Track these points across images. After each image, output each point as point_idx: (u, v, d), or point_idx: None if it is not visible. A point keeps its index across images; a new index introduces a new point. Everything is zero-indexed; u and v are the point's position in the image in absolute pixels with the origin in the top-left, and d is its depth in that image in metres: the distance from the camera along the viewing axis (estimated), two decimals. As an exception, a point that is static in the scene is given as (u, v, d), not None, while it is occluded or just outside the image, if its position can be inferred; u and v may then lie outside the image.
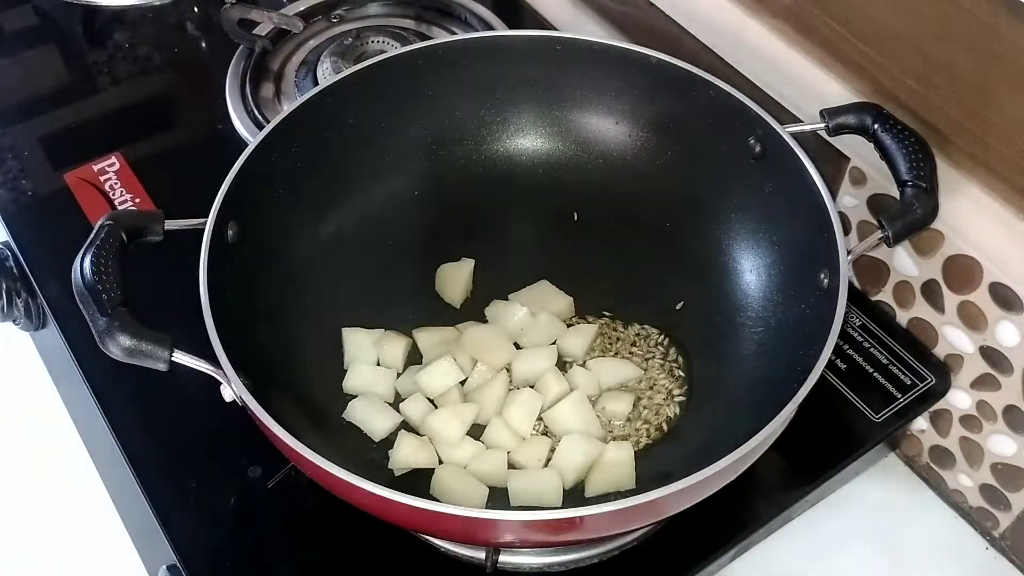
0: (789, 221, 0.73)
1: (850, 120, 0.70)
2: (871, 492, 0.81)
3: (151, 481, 0.72)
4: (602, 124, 0.83)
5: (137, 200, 0.89)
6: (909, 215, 0.66)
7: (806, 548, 0.77)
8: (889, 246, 0.67)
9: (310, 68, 0.99)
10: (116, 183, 0.90)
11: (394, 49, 0.83)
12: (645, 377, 0.76)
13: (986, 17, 0.63)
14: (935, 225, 0.71)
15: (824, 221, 0.66)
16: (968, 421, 0.77)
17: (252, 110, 0.95)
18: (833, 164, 0.79)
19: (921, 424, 0.81)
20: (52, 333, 0.83)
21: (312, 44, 1.04)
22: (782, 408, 0.58)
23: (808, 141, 0.72)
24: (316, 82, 0.97)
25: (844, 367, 0.79)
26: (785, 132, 0.71)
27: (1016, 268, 0.69)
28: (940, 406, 0.78)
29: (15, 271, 0.88)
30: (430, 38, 0.99)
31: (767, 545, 0.77)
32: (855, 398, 0.77)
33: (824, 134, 0.72)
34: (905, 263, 0.77)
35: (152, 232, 0.66)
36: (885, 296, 0.81)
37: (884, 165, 0.69)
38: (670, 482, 0.56)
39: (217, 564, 0.69)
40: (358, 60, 0.89)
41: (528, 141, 0.85)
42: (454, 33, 1.04)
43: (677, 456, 0.71)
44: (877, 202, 0.78)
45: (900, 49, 0.71)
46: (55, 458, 0.93)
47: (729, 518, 0.71)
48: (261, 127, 0.88)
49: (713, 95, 0.75)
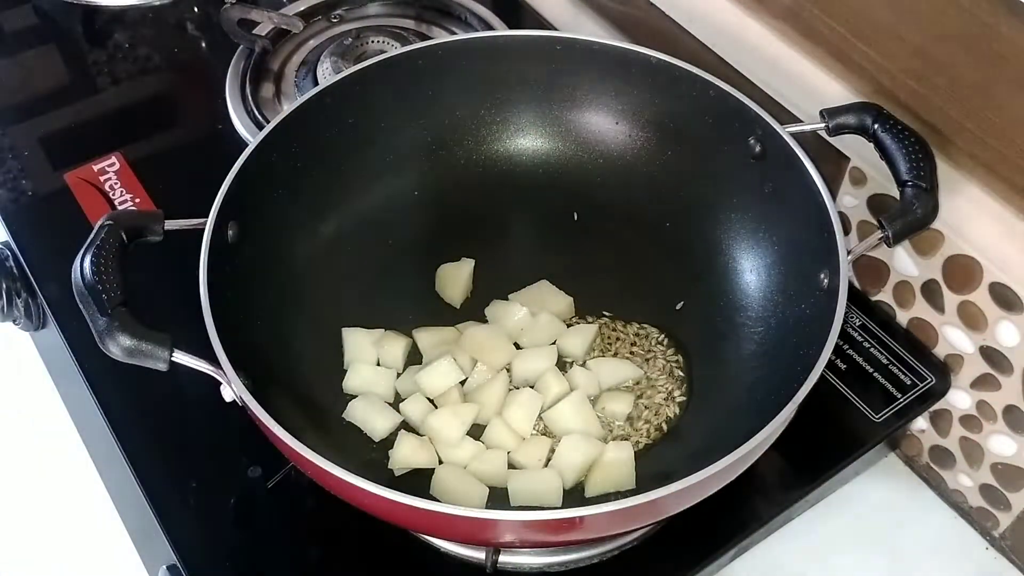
0: (789, 221, 0.73)
1: (850, 120, 0.70)
2: (871, 492, 0.81)
3: (151, 481, 0.72)
4: (602, 124, 0.83)
5: (137, 200, 0.89)
6: (909, 215, 0.66)
7: (806, 548, 0.77)
8: (889, 246, 0.67)
9: (310, 68, 0.99)
10: (116, 183, 0.90)
11: (394, 49, 0.83)
12: (645, 377, 0.76)
13: (986, 17, 0.63)
14: (935, 225, 0.71)
15: (824, 221, 0.66)
16: (968, 421, 0.77)
17: (252, 110, 0.95)
18: (833, 164, 0.79)
19: (921, 424, 0.81)
20: (52, 333, 0.83)
21: (312, 44, 1.04)
22: (782, 408, 0.58)
23: (808, 141, 0.71)
24: (316, 82, 0.97)
25: (844, 367, 0.79)
26: (785, 132, 0.71)
27: (1016, 268, 0.69)
28: (940, 406, 0.78)
29: (15, 271, 0.88)
30: (430, 38, 0.99)
31: (767, 545, 0.77)
32: (855, 398, 0.77)
33: (824, 134, 0.72)
34: (905, 263, 0.77)
35: (152, 232, 0.66)
36: (885, 296, 0.81)
37: (884, 165, 0.69)
38: (670, 482, 0.56)
39: (217, 564, 0.69)
40: (358, 60, 0.89)
41: (528, 141, 0.85)
42: (454, 33, 1.04)
43: (677, 456, 0.71)
44: (877, 202, 0.78)
45: (900, 49, 0.71)
46: (55, 458, 0.93)
47: (729, 518, 0.71)
48: (261, 127, 0.88)
49: (713, 95, 0.75)
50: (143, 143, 0.95)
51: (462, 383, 0.74)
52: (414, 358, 0.77)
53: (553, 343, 0.77)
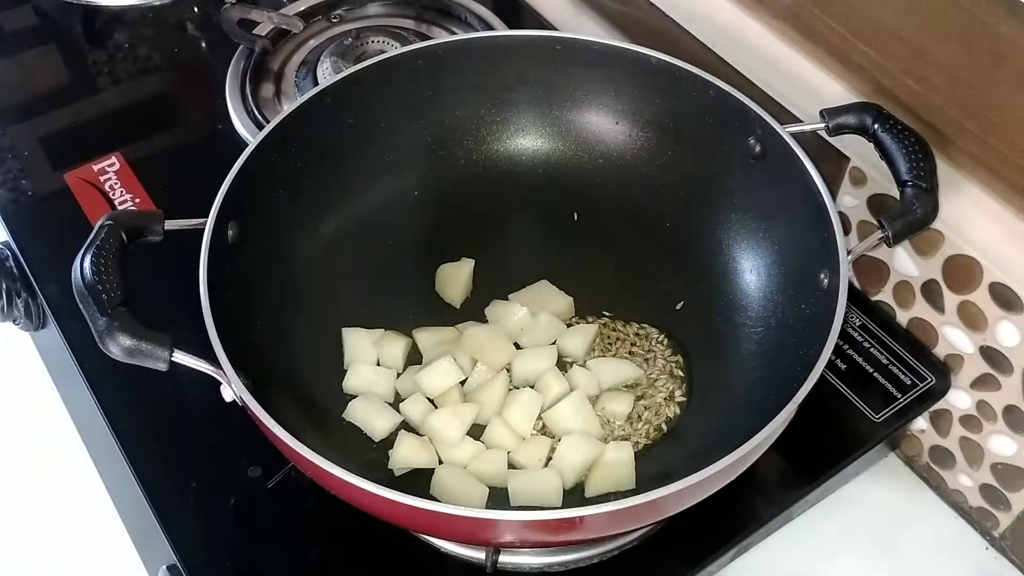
0: (789, 221, 0.73)
1: (850, 120, 0.70)
2: (871, 492, 0.81)
3: (151, 481, 0.72)
4: (602, 124, 0.83)
5: (137, 200, 0.89)
6: (909, 215, 0.66)
7: (806, 548, 0.77)
8: (889, 246, 0.67)
9: (310, 68, 0.99)
10: (116, 183, 0.90)
11: (394, 49, 0.83)
12: (645, 377, 0.76)
13: (986, 17, 0.63)
14: (935, 225, 0.71)
15: (824, 221, 0.66)
16: (968, 421, 0.77)
17: (252, 110, 0.95)
18: (833, 164, 0.79)
19: (921, 424, 0.81)
20: (52, 333, 0.83)
21: (312, 44, 1.04)
22: (782, 408, 0.58)
23: (808, 141, 0.71)
24: (316, 82, 0.97)
25: (844, 367, 0.79)
26: (785, 132, 0.71)
27: (1016, 268, 0.69)
28: (940, 406, 0.78)
29: (15, 271, 0.88)
30: (430, 38, 0.99)
31: (767, 545, 0.77)
32: (855, 398, 0.77)
33: (824, 134, 0.72)
34: (905, 263, 0.77)
35: (152, 232, 0.66)
36: (885, 296, 0.81)
37: (884, 165, 0.69)
38: (670, 482, 0.56)
39: (217, 564, 0.69)
40: (358, 60, 0.89)
41: (528, 141, 0.85)
42: (454, 33, 1.04)
43: (677, 456, 0.71)
44: (877, 202, 0.78)
45: (900, 49, 0.71)
46: (55, 458, 0.93)
47: (729, 518, 0.72)
48: (261, 127, 0.88)
49: (713, 95, 0.75)
50: (143, 143, 0.95)
51: (462, 383, 0.74)
52: (414, 358, 0.77)
53: (553, 343, 0.77)
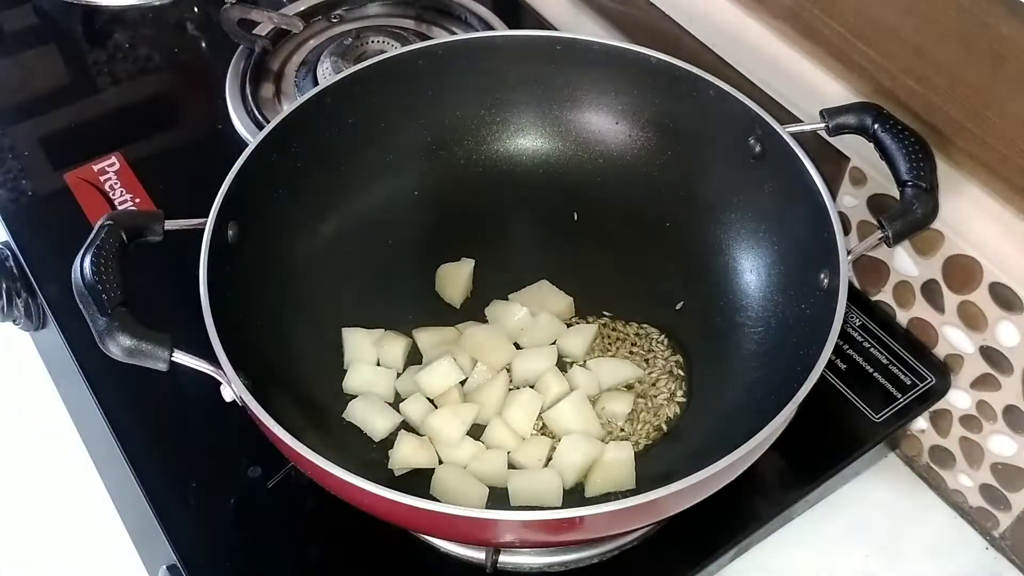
0: (789, 221, 0.73)
1: (850, 120, 0.70)
2: (871, 492, 0.81)
3: (151, 481, 0.72)
4: (602, 124, 0.83)
5: (137, 200, 0.89)
6: (909, 215, 0.66)
7: (806, 548, 0.77)
8: (889, 246, 0.67)
9: (310, 68, 0.99)
10: (116, 183, 0.90)
11: (394, 49, 0.83)
12: (645, 377, 0.76)
13: (986, 17, 0.63)
14: (935, 225, 0.71)
15: (824, 221, 0.66)
16: (968, 421, 0.77)
17: (252, 110, 0.95)
18: (833, 164, 0.79)
19: (921, 424, 0.81)
20: (52, 333, 0.83)
21: (312, 44, 1.04)
22: (782, 408, 0.58)
23: (808, 141, 0.71)
24: (316, 82, 0.97)
25: (844, 367, 0.79)
26: (785, 132, 0.71)
27: (1016, 268, 0.69)
28: (940, 406, 0.78)
29: (15, 271, 0.88)
30: (430, 38, 0.99)
31: (767, 545, 0.77)
32: (855, 398, 0.77)
33: (824, 134, 0.71)
34: (905, 263, 0.77)
35: (152, 232, 0.66)
36: (885, 296, 0.81)
37: (884, 165, 0.69)
38: (670, 482, 0.56)
39: (217, 564, 0.69)
40: (358, 60, 0.89)
41: (528, 141, 0.85)
42: (454, 33, 1.04)
43: (677, 456, 0.71)
44: (877, 202, 0.78)
45: (900, 49, 0.71)
46: (55, 458, 0.93)
47: (729, 518, 0.71)
48: (261, 127, 0.88)
49: (713, 95, 0.75)
50: (143, 143, 0.95)
51: (462, 383, 0.74)
52: (414, 358, 0.77)
53: (553, 343, 0.77)
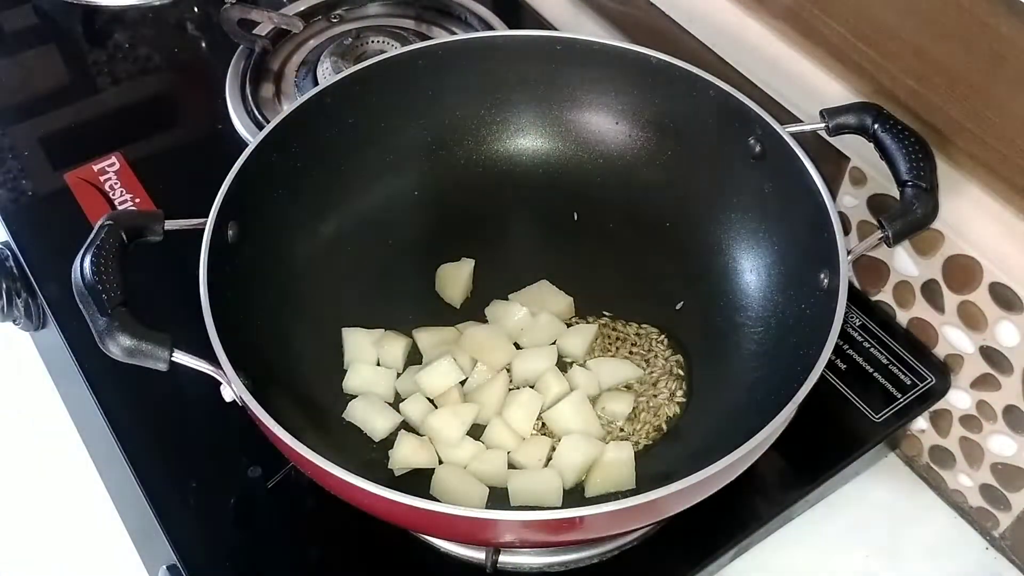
0: (789, 221, 0.73)
1: (850, 120, 0.70)
2: (871, 492, 0.81)
3: (151, 481, 0.72)
4: (602, 124, 0.83)
5: (137, 200, 0.89)
6: (909, 215, 0.66)
7: (806, 548, 0.77)
8: (889, 246, 0.67)
9: (310, 68, 0.99)
10: (116, 183, 0.90)
11: (394, 49, 0.83)
12: (645, 377, 0.76)
13: (986, 17, 0.63)
14: (935, 225, 0.71)
15: (824, 221, 0.66)
16: (968, 421, 0.77)
17: (252, 110, 0.95)
18: (833, 164, 0.79)
19: (921, 424, 0.81)
20: (52, 333, 0.83)
21: (312, 44, 1.04)
22: (782, 408, 0.58)
23: (808, 141, 0.71)
24: (316, 82, 0.97)
25: (844, 367, 0.79)
26: (785, 132, 0.71)
27: (1016, 268, 0.69)
28: (940, 406, 0.78)
29: (15, 271, 0.88)
30: (430, 38, 0.99)
31: (767, 545, 0.77)
32: (855, 398, 0.77)
33: (824, 134, 0.71)
34: (905, 263, 0.77)
35: (152, 232, 0.66)
36: (885, 296, 0.81)
37: (884, 165, 0.69)
38: (670, 482, 0.56)
39: (217, 564, 0.69)
40: (358, 60, 0.89)
41: (528, 141, 0.85)
42: (454, 33, 1.04)
43: (677, 456, 0.71)
44: (877, 202, 0.78)
45: (900, 49, 0.71)
46: (55, 458, 0.93)
47: (729, 518, 0.71)
48: (261, 127, 0.88)
49: (713, 95, 0.75)
50: (143, 143, 0.95)
51: (462, 383, 0.74)
52: (414, 358, 0.77)
53: (553, 343, 0.77)
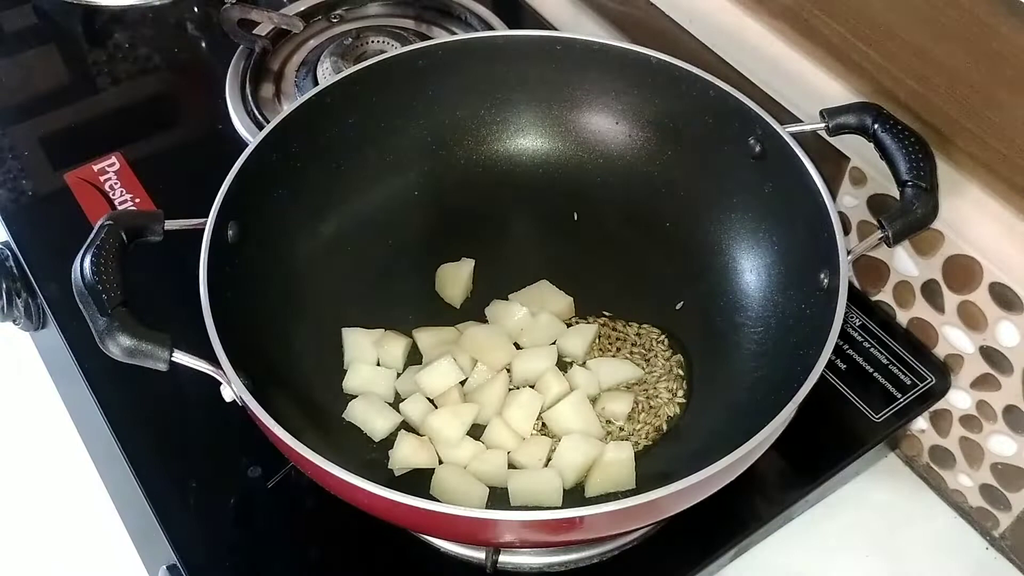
0: (789, 221, 0.73)
1: (850, 120, 0.70)
2: (871, 492, 0.81)
3: (151, 481, 0.72)
4: (602, 124, 0.83)
5: (137, 200, 0.89)
6: (909, 215, 0.66)
7: (806, 548, 0.77)
8: (889, 246, 0.67)
9: (310, 68, 0.99)
10: (116, 183, 0.90)
11: (394, 49, 0.83)
12: (645, 377, 0.76)
13: (986, 17, 0.63)
14: (935, 225, 0.71)
15: (824, 221, 0.66)
16: (968, 421, 0.77)
17: (252, 110, 0.95)
18: (833, 164, 0.79)
19: (921, 424, 0.81)
20: (52, 333, 0.83)
21: (312, 44, 1.04)
22: (782, 408, 0.58)
23: (808, 141, 0.72)
24: (316, 82, 0.97)
25: (844, 367, 0.79)
26: (785, 132, 0.71)
27: (1016, 268, 0.69)
28: (940, 406, 0.78)
29: (15, 271, 0.88)
30: (430, 38, 0.99)
31: (767, 545, 0.77)
32: (855, 398, 0.77)
33: (824, 134, 0.72)
34: (905, 263, 0.77)
35: (152, 232, 0.66)
36: (885, 296, 0.81)
37: (884, 165, 0.69)
38: (670, 482, 0.56)
39: (217, 564, 0.69)
40: (358, 60, 0.89)
41: (528, 141, 0.85)
42: (454, 33, 1.04)
43: (677, 456, 0.71)
44: (877, 202, 0.78)
45: (900, 49, 0.71)
46: (55, 458, 0.93)
47: (729, 518, 0.71)
48: (261, 127, 0.88)
49: (713, 95, 0.75)
50: (143, 143, 0.95)
51: (462, 383, 0.74)
52: (414, 358, 0.77)
53: (553, 343, 0.77)
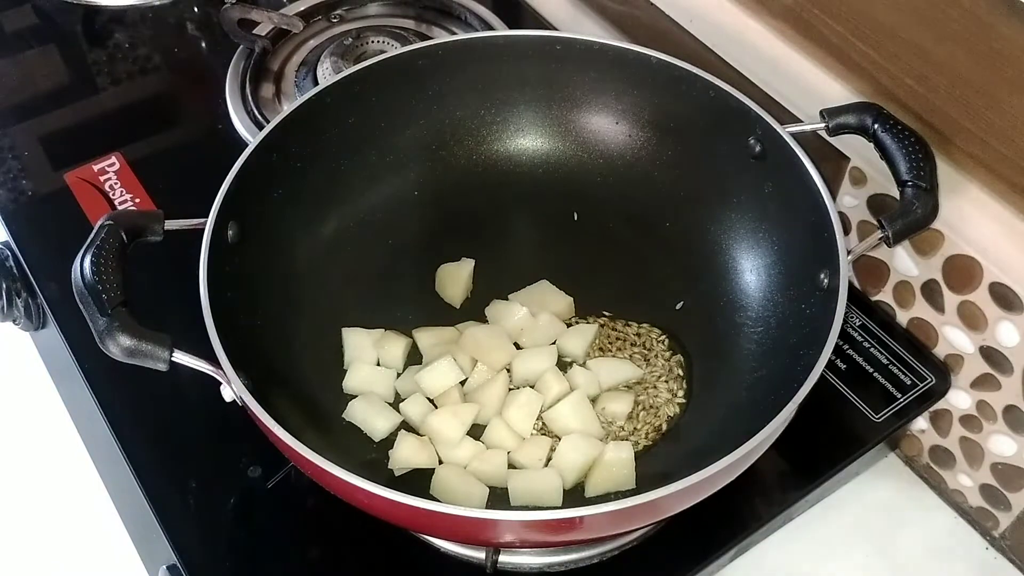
0: (789, 221, 0.73)
1: (850, 120, 0.70)
2: (871, 492, 0.81)
3: (151, 481, 0.72)
4: (602, 124, 0.83)
5: (137, 200, 0.89)
6: (909, 215, 0.66)
7: (806, 548, 0.77)
8: (889, 246, 0.67)
9: (310, 68, 0.99)
10: (116, 183, 0.90)
11: (394, 49, 0.83)
12: (645, 377, 0.76)
13: (986, 17, 0.63)
14: (935, 225, 0.71)
15: (824, 221, 0.67)
16: (968, 421, 0.77)
17: (252, 110, 0.95)
18: (833, 164, 0.79)
19: (921, 424, 0.81)
20: (52, 333, 0.83)
21: (312, 44, 1.04)
22: (782, 408, 0.58)
23: (808, 141, 0.72)
24: (316, 82, 0.97)
25: (844, 367, 0.79)
26: (785, 132, 0.71)
27: (1016, 268, 0.69)
28: (940, 406, 0.78)
29: (15, 271, 0.88)
30: (430, 38, 0.99)
31: (767, 545, 0.77)
32: (855, 398, 0.77)
33: (824, 134, 0.72)
34: (905, 263, 0.77)
35: (152, 232, 0.66)
36: (885, 296, 0.81)
37: (884, 165, 0.69)
38: (670, 482, 0.56)
39: (217, 564, 0.69)
40: (358, 60, 0.89)
41: (528, 141, 0.85)
42: (454, 33, 1.04)
43: (677, 456, 0.71)
44: (877, 202, 0.78)
45: (900, 49, 0.71)
46: (55, 458, 0.93)
47: (729, 518, 0.72)
48: (261, 127, 0.88)
49: (713, 95, 0.75)
50: (143, 143, 0.95)
51: (462, 383, 0.74)
52: (414, 358, 0.77)
53: (553, 343, 0.77)
